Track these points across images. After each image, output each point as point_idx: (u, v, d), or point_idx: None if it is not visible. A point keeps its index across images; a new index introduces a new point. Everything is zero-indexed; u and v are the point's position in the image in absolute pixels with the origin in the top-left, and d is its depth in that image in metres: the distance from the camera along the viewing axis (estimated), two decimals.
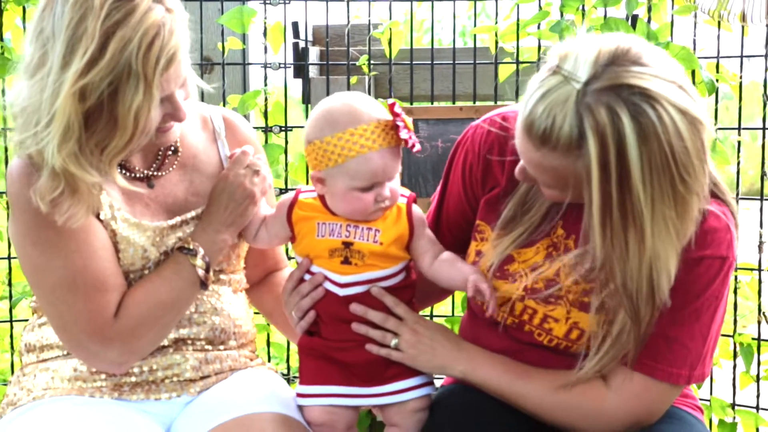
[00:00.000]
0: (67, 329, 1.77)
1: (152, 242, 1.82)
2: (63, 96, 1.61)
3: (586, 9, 2.65)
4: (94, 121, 1.64)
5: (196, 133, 1.95)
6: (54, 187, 1.67)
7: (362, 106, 1.74)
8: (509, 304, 1.77)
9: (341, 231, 1.77)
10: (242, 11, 2.71)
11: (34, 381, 1.86)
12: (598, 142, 1.49)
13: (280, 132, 2.81)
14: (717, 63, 2.60)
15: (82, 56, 1.61)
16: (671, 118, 1.49)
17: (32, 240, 1.75)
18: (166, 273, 1.81)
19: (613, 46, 1.52)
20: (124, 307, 1.77)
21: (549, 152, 1.53)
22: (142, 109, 1.65)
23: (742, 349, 2.61)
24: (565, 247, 1.73)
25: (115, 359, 1.78)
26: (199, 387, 1.87)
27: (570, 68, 1.51)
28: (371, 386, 1.79)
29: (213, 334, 1.90)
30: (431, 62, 2.80)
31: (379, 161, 1.72)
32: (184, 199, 1.88)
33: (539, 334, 1.76)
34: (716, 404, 2.62)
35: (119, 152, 1.68)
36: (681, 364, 1.68)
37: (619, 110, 1.48)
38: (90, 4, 1.63)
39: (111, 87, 1.63)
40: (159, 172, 1.88)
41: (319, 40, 2.96)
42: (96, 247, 1.76)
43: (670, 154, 1.50)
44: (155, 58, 1.64)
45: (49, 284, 1.76)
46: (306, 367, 1.84)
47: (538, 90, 1.53)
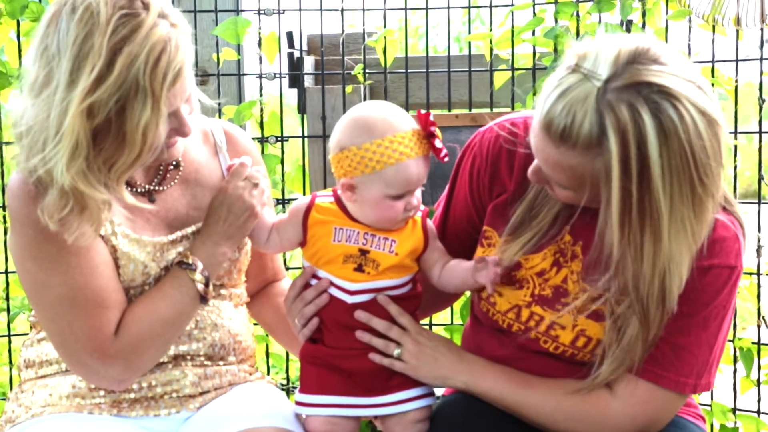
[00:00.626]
0: (67, 346, 1.76)
1: (152, 258, 1.81)
2: (71, 114, 1.60)
3: (581, 15, 2.65)
4: (102, 139, 1.63)
5: (197, 147, 1.94)
6: (62, 206, 1.66)
7: (397, 114, 1.76)
8: (516, 310, 1.77)
9: (358, 238, 1.77)
10: (237, 22, 2.71)
11: (32, 398, 1.85)
12: (619, 139, 1.48)
13: (276, 142, 2.80)
14: (712, 67, 2.60)
15: (89, 73, 1.60)
16: (692, 117, 1.49)
17: (32, 255, 1.74)
18: (165, 288, 1.80)
19: (633, 45, 1.52)
20: (124, 325, 1.76)
21: (568, 150, 1.53)
22: (150, 125, 1.64)
23: (743, 353, 2.60)
24: (573, 254, 1.73)
25: (116, 376, 1.77)
26: (199, 402, 1.86)
27: (590, 66, 1.51)
28: (373, 396, 1.78)
29: (213, 350, 1.89)
30: (426, 70, 2.80)
31: (415, 169, 1.73)
32: (186, 214, 1.88)
33: (545, 341, 1.76)
34: (717, 409, 2.62)
35: (127, 169, 1.67)
36: (688, 372, 1.67)
37: (640, 108, 1.48)
38: (96, 20, 1.62)
39: (119, 104, 1.62)
40: (161, 186, 1.87)
41: (314, 49, 2.96)
42: (97, 263, 1.75)
43: (690, 154, 1.50)
44: (162, 74, 1.63)
45: (49, 300, 1.75)
46: (307, 376, 1.83)
47: (556, 88, 1.53)
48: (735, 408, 2.64)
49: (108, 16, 1.62)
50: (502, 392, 1.74)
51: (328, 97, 2.80)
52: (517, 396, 1.74)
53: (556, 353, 1.75)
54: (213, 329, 1.89)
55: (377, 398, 1.78)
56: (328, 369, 1.79)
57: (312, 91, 2.82)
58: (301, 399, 1.82)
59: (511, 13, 2.73)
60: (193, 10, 2.80)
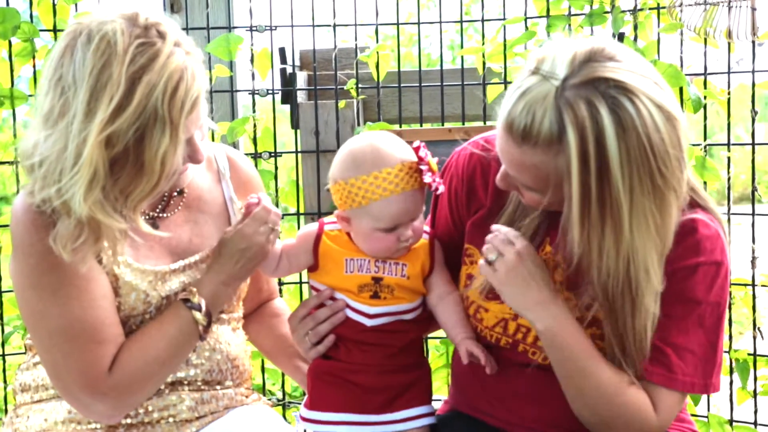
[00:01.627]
0: (60, 378, 1.75)
1: (154, 287, 1.80)
2: (90, 145, 1.59)
3: (573, 28, 2.66)
4: (120, 168, 1.63)
5: (201, 174, 1.94)
6: (76, 236, 1.65)
7: (387, 148, 1.75)
8: (502, 323, 1.77)
9: (370, 267, 1.79)
10: (229, 39, 2.71)
11: (27, 422, 1.84)
12: (577, 134, 1.51)
13: (269, 158, 2.80)
14: (705, 80, 2.60)
15: (108, 103, 1.59)
16: (648, 111, 1.53)
17: (32, 284, 1.73)
18: (165, 326, 1.78)
19: (588, 45, 1.57)
20: (119, 362, 1.75)
21: (530, 149, 1.56)
22: (169, 154, 1.64)
23: (738, 365, 2.60)
24: (555, 264, 1.73)
25: (106, 412, 1.76)
26: (195, 427, 1.85)
27: (548, 68, 1.55)
28: (380, 414, 1.78)
29: (210, 375, 1.88)
30: (419, 84, 2.80)
31: (401, 204, 1.74)
32: (189, 241, 1.87)
33: (533, 353, 1.75)
34: (714, 421, 2.61)
35: (145, 197, 1.67)
36: (693, 371, 1.68)
37: (598, 103, 1.52)
38: (113, 49, 1.61)
39: (138, 133, 1.61)
40: (164, 213, 1.87)
41: (306, 64, 2.96)
42: (96, 296, 1.74)
43: (648, 147, 1.53)
44: (181, 103, 1.63)
45: (45, 330, 1.73)
46: (317, 392, 1.82)
47: (516, 90, 1.57)
48: (732, 419, 2.63)
49: (125, 45, 1.61)
50: (575, 352, 1.66)
51: (321, 112, 2.80)
52: (587, 364, 1.66)
53: (545, 364, 1.74)
54: (211, 354, 1.88)
55: (384, 416, 1.78)
56: (339, 386, 1.79)
57: (305, 106, 2.82)
58: (308, 415, 1.81)
59: (503, 26, 2.74)
60: (185, 27, 2.80)
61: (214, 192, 1.94)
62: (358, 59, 2.78)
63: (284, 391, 2.90)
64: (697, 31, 2.52)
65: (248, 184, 2.00)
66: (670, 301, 1.64)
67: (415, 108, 2.85)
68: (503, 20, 2.74)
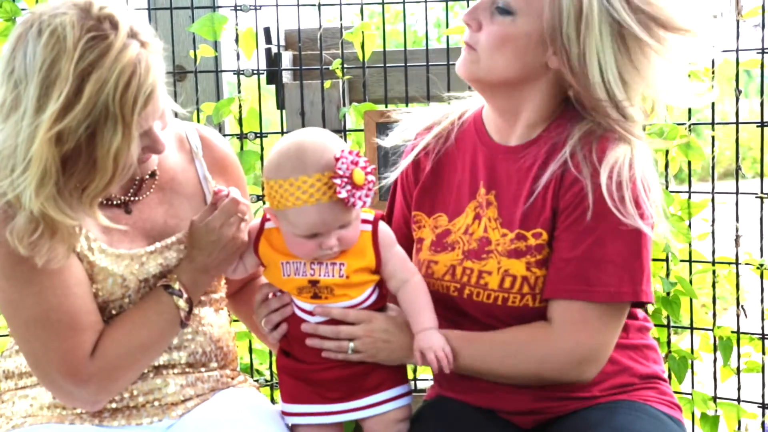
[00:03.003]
0: (40, 367, 1.75)
1: (131, 271, 1.80)
2: (39, 141, 1.56)
3: None
4: (73, 164, 1.60)
5: (173, 154, 1.92)
6: (32, 230, 1.63)
7: (311, 154, 1.69)
8: (450, 270, 1.84)
9: (305, 270, 1.77)
10: (213, 18, 2.70)
11: (13, 408, 1.84)
12: None
13: (255, 138, 2.80)
14: None
15: (57, 99, 1.56)
16: None
17: (6, 275, 1.71)
18: (149, 313, 1.78)
19: None
20: (101, 348, 1.75)
21: None
22: (122, 150, 1.61)
23: (722, 342, 2.62)
24: (487, 202, 1.82)
25: (88, 398, 1.76)
26: (181, 410, 1.85)
27: None
28: (350, 401, 1.79)
29: (194, 357, 1.89)
30: (405, 64, 2.79)
31: (316, 215, 1.70)
32: (164, 223, 1.86)
33: (478, 294, 1.81)
34: (698, 398, 2.64)
35: (100, 192, 1.65)
36: (618, 281, 1.71)
37: None
38: (63, 45, 1.58)
39: (88, 130, 1.59)
40: (136, 197, 1.85)
41: (291, 44, 2.95)
42: (70, 284, 1.73)
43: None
44: (133, 98, 1.60)
45: (22, 320, 1.73)
46: (285, 386, 1.84)
47: None
48: (715, 396, 2.66)
49: (75, 39, 1.58)
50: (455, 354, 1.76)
51: (307, 93, 2.80)
52: (466, 352, 1.76)
53: (489, 303, 1.79)
54: (194, 336, 1.88)
55: (355, 402, 1.79)
56: (302, 381, 1.81)
57: (290, 86, 2.81)
58: (284, 408, 1.83)
59: None
60: (170, 7, 2.78)
61: (188, 172, 1.93)
62: (344, 39, 2.77)
63: (272, 372, 2.90)
64: None
65: (222, 161, 1.98)
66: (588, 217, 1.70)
67: (401, 88, 2.84)
68: None
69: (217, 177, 1.96)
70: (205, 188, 1.94)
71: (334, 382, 1.79)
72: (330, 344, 1.78)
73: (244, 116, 2.78)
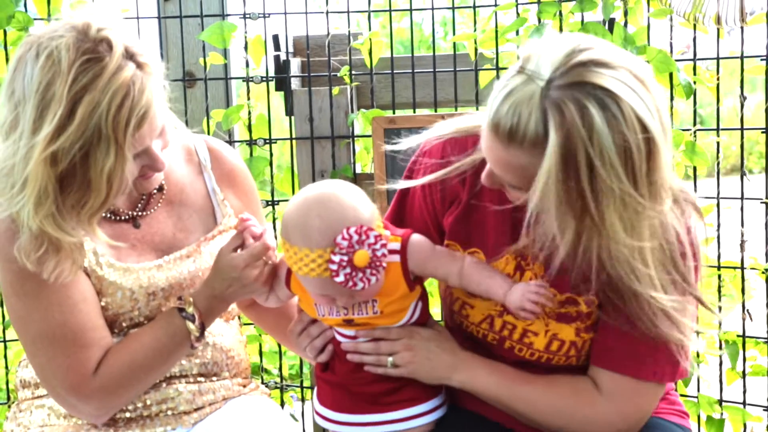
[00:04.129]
0: (47, 380, 1.78)
1: (139, 284, 1.81)
2: (34, 161, 1.59)
3: (564, 14, 2.68)
4: (69, 184, 1.63)
5: (180, 167, 1.93)
6: (37, 246, 1.66)
7: (318, 227, 1.62)
8: (489, 320, 1.80)
9: (338, 310, 1.73)
10: (223, 26, 2.73)
11: (30, 417, 1.87)
12: (563, 134, 1.51)
13: (264, 144, 2.83)
14: (694, 65, 2.62)
15: (51, 121, 1.59)
16: (631, 116, 1.51)
17: (15, 291, 1.75)
18: (158, 334, 1.79)
19: (572, 45, 1.56)
20: (105, 365, 1.77)
21: (516, 150, 1.55)
22: (115, 172, 1.63)
23: (728, 346, 2.64)
24: (533, 256, 1.74)
25: (92, 412, 1.78)
26: (194, 419, 1.88)
27: (533, 68, 1.54)
28: (386, 412, 1.78)
29: (206, 367, 1.91)
30: (412, 70, 2.82)
31: (320, 287, 1.67)
32: (172, 236, 1.88)
33: (520, 349, 1.79)
34: (704, 401, 2.65)
35: (96, 211, 1.67)
36: (664, 361, 1.71)
37: (587, 103, 1.50)
38: (58, 68, 1.60)
39: (82, 151, 1.61)
40: (145, 212, 1.87)
41: (299, 51, 2.97)
42: (77, 301, 1.75)
43: (629, 153, 1.51)
44: (125, 120, 1.61)
45: (30, 335, 1.76)
46: (323, 391, 1.83)
47: (502, 90, 1.56)
48: (721, 400, 2.67)
49: (70, 62, 1.60)
50: (498, 390, 1.76)
51: (315, 99, 2.82)
52: (513, 392, 1.76)
53: (532, 360, 1.78)
54: (204, 348, 1.90)
55: (390, 414, 1.78)
56: (341, 390, 1.80)
57: (299, 93, 2.84)
58: (320, 410, 1.83)
59: (495, 13, 2.75)
60: (179, 15, 2.82)
61: (196, 184, 1.94)
62: (351, 46, 2.80)
63: (281, 375, 2.93)
64: (686, 16, 2.54)
65: (231, 174, 1.99)
66: None
67: (408, 94, 2.86)
68: (495, 6, 2.76)
69: (226, 189, 1.97)
70: (213, 201, 1.95)
71: (372, 394, 1.78)
72: (370, 359, 1.78)
73: (254, 123, 2.81)
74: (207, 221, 1.92)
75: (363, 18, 3.01)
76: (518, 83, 1.54)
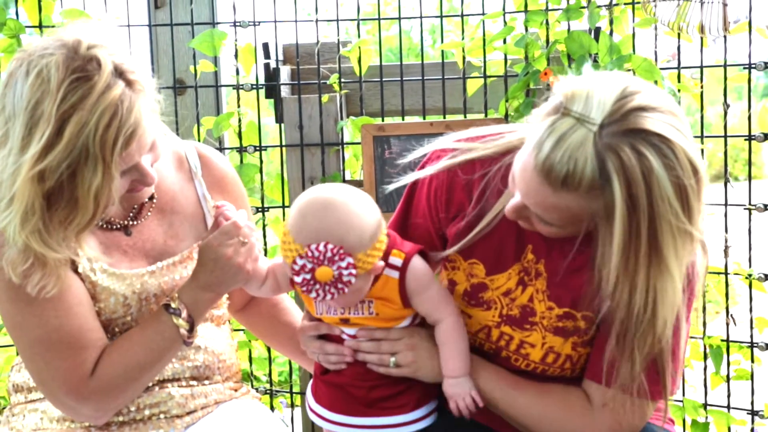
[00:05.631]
0: (45, 384, 1.79)
1: (132, 290, 1.83)
2: (21, 179, 1.61)
3: (550, 23, 2.71)
4: (56, 201, 1.64)
5: (171, 175, 1.95)
6: (23, 260, 1.68)
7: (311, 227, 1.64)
8: (486, 330, 1.81)
9: (336, 309, 1.76)
10: (213, 34, 2.75)
11: (23, 421, 1.89)
12: (624, 180, 1.52)
13: (254, 152, 2.85)
14: (678, 73, 2.66)
15: (39, 140, 1.60)
16: (683, 159, 1.54)
17: (10, 297, 1.76)
18: (148, 332, 1.81)
19: (621, 87, 1.55)
20: (101, 367, 1.78)
21: (568, 194, 1.56)
22: (102, 190, 1.65)
23: (712, 350, 2.67)
24: (536, 272, 1.77)
25: (90, 414, 1.80)
26: (186, 423, 1.89)
27: (580, 110, 1.54)
28: (383, 416, 1.79)
29: (198, 371, 1.92)
30: (401, 78, 2.85)
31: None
32: (164, 243, 1.90)
33: (516, 360, 1.81)
34: (689, 405, 2.68)
35: (84, 228, 1.68)
36: (657, 381, 1.72)
37: (644, 149, 1.52)
38: (47, 86, 1.61)
39: (69, 169, 1.62)
40: (136, 220, 1.89)
41: (289, 59, 3.00)
42: (72, 304, 1.76)
43: (686, 189, 1.54)
44: (113, 140, 1.62)
45: (26, 341, 1.77)
46: (320, 389, 1.84)
47: (551, 134, 1.54)
48: (706, 404, 2.71)
49: (59, 81, 1.61)
50: (493, 391, 1.78)
51: (305, 107, 2.85)
52: (508, 396, 1.77)
53: (528, 370, 1.81)
54: (196, 351, 1.92)
55: (386, 419, 1.79)
56: (339, 391, 1.81)
57: (289, 100, 2.86)
58: (315, 408, 1.84)
59: (483, 21, 2.79)
60: (170, 23, 2.84)
61: (186, 191, 1.95)
62: (341, 54, 2.83)
63: (271, 380, 2.95)
64: (670, 25, 2.58)
65: (222, 180, 2.00)
66: None
67: (397, 101, 2.89)
68: (483, 15, 2.79)
69: (217, 195, 1.98)
70: (204, 207, 1.97)
71: (371, 399, 1.79)
72: (372, 357, 1.79)
73: (244, 130, 2.84)
74: (198, 228, 1.94)
75: (352, 26, 3.05)
76: (568, 128, 1.53)
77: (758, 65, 2.57)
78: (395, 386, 1.80)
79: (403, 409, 1.79)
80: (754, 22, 2.56)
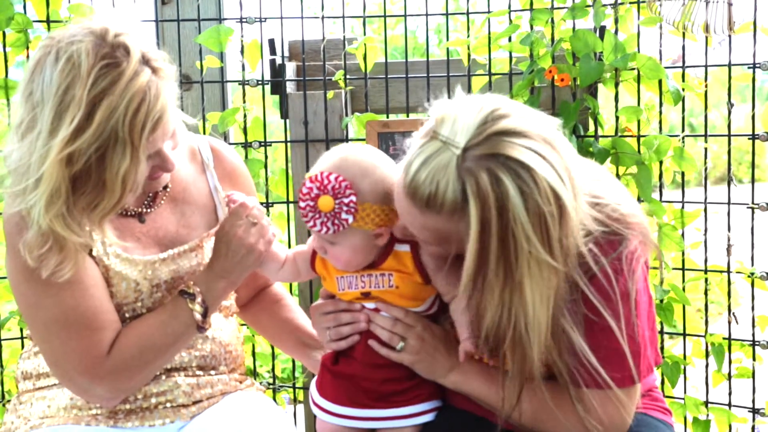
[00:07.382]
0: (58, 364, 1.81)
1: (144, 276, 1.86)
2: (50, 162, 1.63)
3: (555, 21, 2.72)
4: (82, 185, 1.67)
5: (185, 166, 1.99)
6: (42, 243, 1.70)
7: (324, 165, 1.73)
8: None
9: (357, 282, 1.79)
10: (219, 30, 2.76)
11: (30, 409, 1.90)
12: (479, 203, 1.55)
13: (259, 147, 2.86)
14: (683, 72, 2.67)
15: (69, 124, 1.63)
16: (544, 186, 1.56)
17: (26, 278, 1.78)
18: (163, 317, 1.84)
19: (486, 111, 1.58)
20: (117, 348, 1.80)
21: (433, 215, 1.60)
22: (130, 173, 1.68)
23: (714, 348, 2.67)
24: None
25: (104, 395, 1.82)
26: (192, 412, 1.91)
27: (447, 134, 1.57)
28: (385, 408, 1.81)
29: (204, 360, 1.95)
30: (406, 75, 2.86)
31: None
32: (176, 232, 1.93)
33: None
34: (690, 402, 2.69)
35: (108, 213, 1.71)
36: (619, 367, 1.72)
37: (501, 174, 1.55)
38: (77, 72, 1.65)
39: (98, 153, 1.65)
40: (150, 208, 1.92)
41: (295, 55, 3.01)
42: (88, 285, 1.79)
43: (542, 219, 1.56)
44: (141, 124, 1.67)
45: (41, 321, 1.79)
46: (325, 381, 1.86)
47: (418, 156, 1.59)
48: (707, 401, 2.71)
49: (89, 67, 1.65)
50: (488, 394, 1.81)
51: (310, 103, 2.85)
52: (500, 398, 1.77)
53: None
54: (204, 341, 1.94)
55: (388, 411, 1.81)
56: (347, 383, 1.83)
57: (294, 96, 2.87)
58: (318, 401, 1.85)
59: (488, 20, 2.80)
60: (177, 19, 2.85)
61: (199, 183, 1.99)
62: (346, 51, 2.84)
63: (274, 375, 2.96)
64: (675, 24, 2.59)
65: (233, 173, 2.05)
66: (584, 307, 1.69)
67: (402, 98, 2.90)
68: (488, 13, 2.80)
69: (227, 187, 2.03)
70: (215, 199, 2.01)
71: (380, 393, 1.81)
72: (383, 333, 1.80)
73: (249, 125, 2.84)
74: (209, 218, 1.97)
75: (358, 23, 3.05)
76: (434, 150, 1.58)
77: (763, 65, 2.58)
78: (408, 381, 1.82)
79: (410, 401, 1.82)
80: (758, 22, 2.57)
